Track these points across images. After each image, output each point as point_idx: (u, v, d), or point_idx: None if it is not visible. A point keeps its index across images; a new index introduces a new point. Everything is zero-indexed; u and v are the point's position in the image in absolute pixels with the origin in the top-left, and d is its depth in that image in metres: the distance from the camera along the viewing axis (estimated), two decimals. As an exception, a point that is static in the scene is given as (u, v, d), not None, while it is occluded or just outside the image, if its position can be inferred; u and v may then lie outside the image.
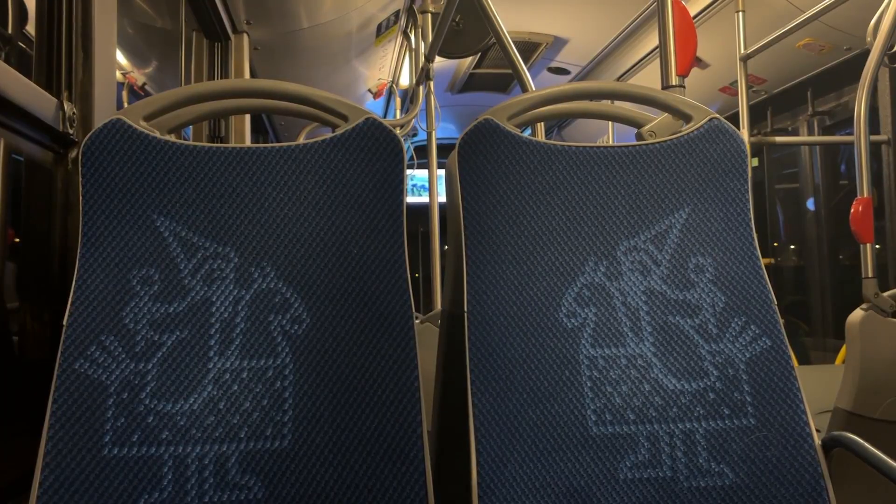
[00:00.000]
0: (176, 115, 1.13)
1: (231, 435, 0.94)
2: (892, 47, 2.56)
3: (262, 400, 0.96)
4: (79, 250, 1.00)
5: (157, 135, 1.06)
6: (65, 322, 0.96)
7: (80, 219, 1.01)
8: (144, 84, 3.37)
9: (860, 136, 2.16)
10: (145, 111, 1.07)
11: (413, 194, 6.84)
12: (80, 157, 1.02)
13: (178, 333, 0.98)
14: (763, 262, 1.11)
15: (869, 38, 2.34)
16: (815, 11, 2.68)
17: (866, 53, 2.21)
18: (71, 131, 1.15)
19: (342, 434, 0.95)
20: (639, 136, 1.22)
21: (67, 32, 1.18)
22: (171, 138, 1.07)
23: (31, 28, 1.27)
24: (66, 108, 1.13)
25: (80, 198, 1.01)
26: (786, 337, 1.06)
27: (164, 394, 0.95)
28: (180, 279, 1.00)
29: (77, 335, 0.95)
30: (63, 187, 1.16)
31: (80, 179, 1.01)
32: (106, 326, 0.96)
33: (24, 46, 1.42)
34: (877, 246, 2.16)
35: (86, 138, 1.03)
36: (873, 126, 3.29)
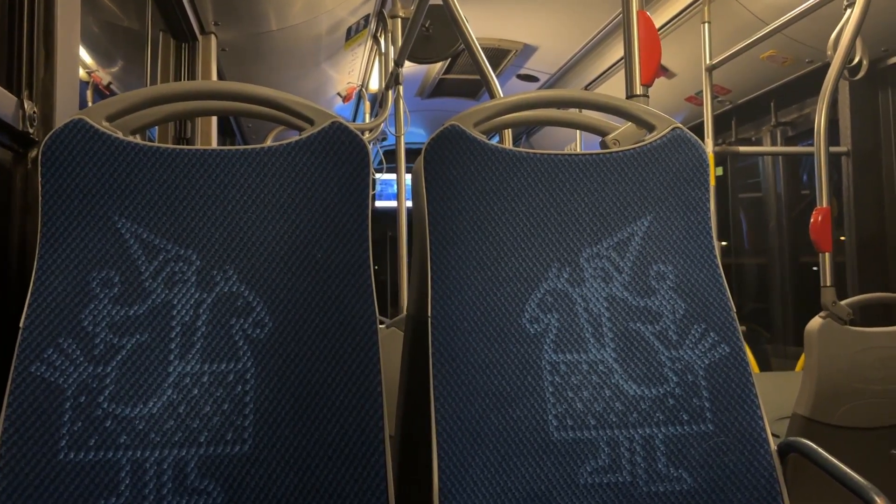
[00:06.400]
0: (139, 116, 1.12)
1: (191, 439, 0.93)
2: (851, 61, 2.62)
3: (223, 404, 0.95)
4: (37, 251, 0.98)
5: (120, 135, 1.05)
6: (21, 324, 0.94)
7: (39, 220, 0.99)
8: (110, 83, 3.33)
9: (820, 148, 2.21)
10: (108, 111, 1.06)
11: (382, 199, 6.82)
12: (39, 157, 1.00)
13: (138, 336, 0.97)
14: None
15: (829, 52, 2.40)
16: (778, 24, 2.74)
17: (827, 66, 2.26)
18: (31, 130, 1.13)
19: (303, 439, 0.94)
20: (603, 145, 1.23)
21: (29, 30, 1.16)
22: (135, 139, 1.06)
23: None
24: (26, 106, 1.11)
25: (40, 198, 1.00)
26: (744, 344, 1.08)
27: (122, 398, 0.94)
28: (141, 282, 0.99)
29: (34, 338, 0.94)
30: (22, 187, 1.14)
31: (40, 180, 1.00)
32: (64, 329, 0.95)
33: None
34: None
35: (46, 138, 1.01)
36: (833, 137, 3.36)
